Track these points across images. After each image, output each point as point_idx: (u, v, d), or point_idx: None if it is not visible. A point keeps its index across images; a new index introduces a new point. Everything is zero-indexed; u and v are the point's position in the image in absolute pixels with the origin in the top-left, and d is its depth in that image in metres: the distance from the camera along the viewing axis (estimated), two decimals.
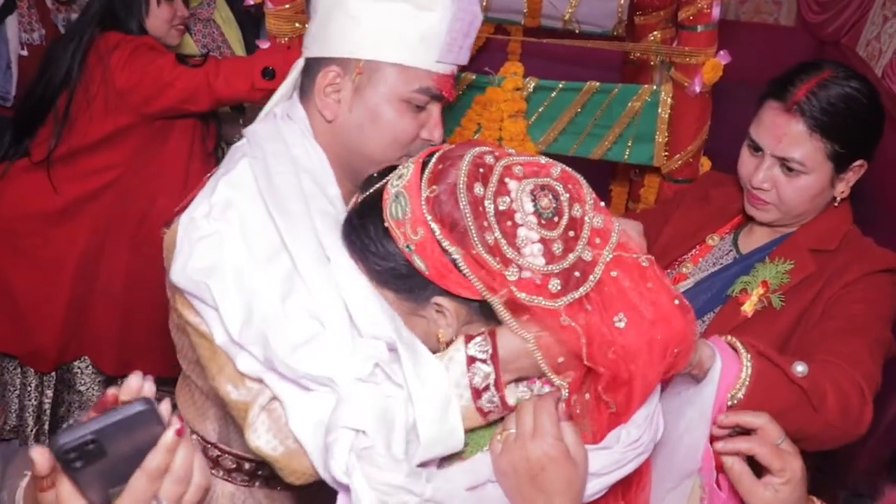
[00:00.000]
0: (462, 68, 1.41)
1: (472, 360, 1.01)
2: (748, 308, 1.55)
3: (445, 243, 0.99)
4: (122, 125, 2.47)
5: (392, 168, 1.11)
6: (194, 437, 1.52)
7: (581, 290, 0.98)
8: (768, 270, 1.56)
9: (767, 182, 1.55)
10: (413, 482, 0.96)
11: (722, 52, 2.09)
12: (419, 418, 0.98)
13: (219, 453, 1.51)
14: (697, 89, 2.10)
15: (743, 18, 4.37)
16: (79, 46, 2.45)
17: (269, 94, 2.28)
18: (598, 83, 2.19)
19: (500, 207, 0.98)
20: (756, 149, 1.57)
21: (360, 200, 1.13)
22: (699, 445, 1.16)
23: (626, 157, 2.28)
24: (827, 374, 1.32)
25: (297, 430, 1.04)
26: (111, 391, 0.79)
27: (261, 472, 1.52)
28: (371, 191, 1.11)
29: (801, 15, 4.21)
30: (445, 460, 1.06)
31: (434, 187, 1.00)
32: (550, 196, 0.99)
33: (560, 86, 2.20)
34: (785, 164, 1.53)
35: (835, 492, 2.64)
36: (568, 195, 1.00)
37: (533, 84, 2.19)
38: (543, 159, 1.05)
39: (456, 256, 0.99)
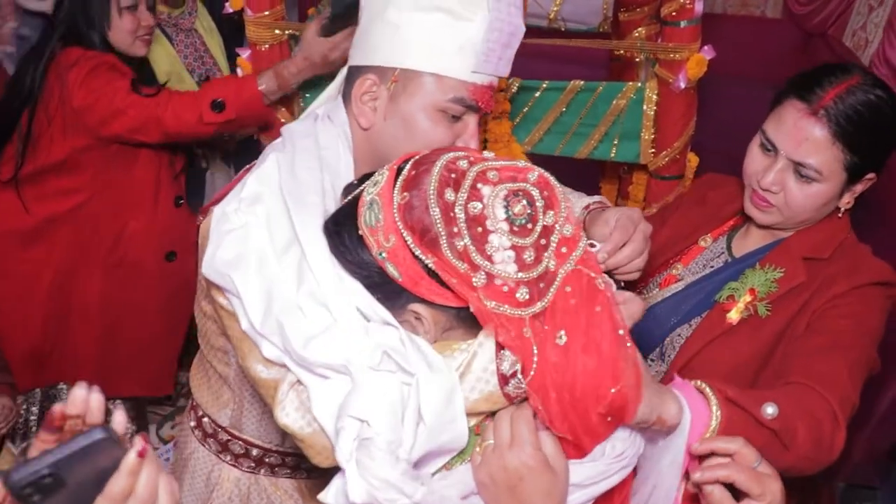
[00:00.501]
0: None
1: (500, 347, 1.00)
2: (734, 315, 1.52)
3: (417, 251, 0.98)
4: (80, 146, 2.41)
5: (372, 174, 1.09)
6: (205, 419, 1.58)
7: (544, 300, 0.97)
8: (757, 277, 1.53)
9: (777, 185, 1.49)
10: (406, 482, 0.95)
11: (706, 48, 2.07)
12: (423, 403, 0.98)
13: (228, 437, 1.57)
14: (682, 85, 2.08)
15: (730, 12, 4.37)
16: (40, 62, 2.40)
17: (220, 127, 2.29)
18: (582, 82, 2.17)
19: (472, 213, 0.96)
20: (769, 148, 1.50)
21: (337, 208, 1.12)
22: (671, 494, 1.13)
23: (612, 155, 2.26)
24: (800, 404, 1.28)
25: (318, 414, 1.05)
26: (57, 408, 0.77)
27: (267, 459, 1.58)
28: (349, 198, 1.09)
29: (788, 7, 4.21)
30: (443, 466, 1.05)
31: (406, 194, 0.99)
32: (525, 202, 0.97)
33: (544, 85, 2.18)
34: (799, 170, 1.46)
35: (833, 484, 2.63)
36: (543, 202, 0.98)
37: (517, 84, 2.17)
38: (521, 164, 1.02)
39: (428, 263, 0.98)
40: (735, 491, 1.04)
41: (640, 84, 2.17)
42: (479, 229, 0.95)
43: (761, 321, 1.50)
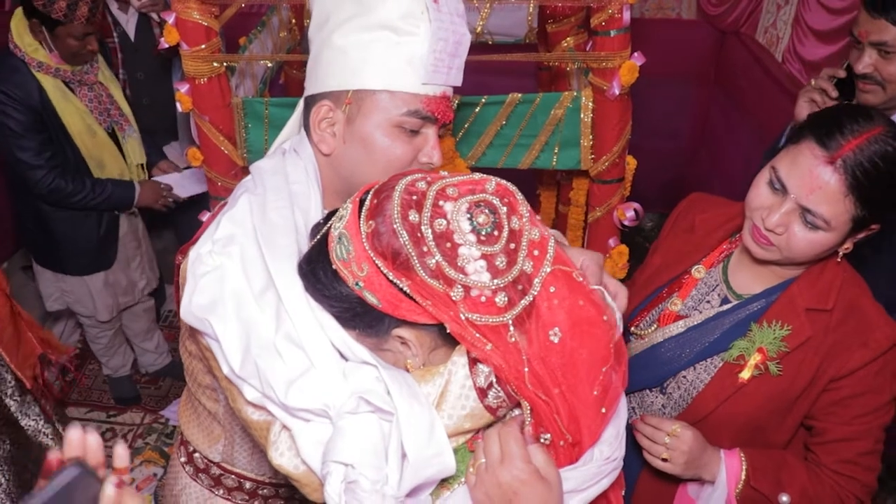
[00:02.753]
0: None
1: (474, 362, 1.02)
2: (745, 375, 1.53)
3: (391, 275, 0.99)
4: None
5: (337, 211, 1.11)
6: (196, 454, 1.59)
7: (523, 302, 0.99)
8: (765, 336, 1.51)
9: (782, 226, 1.45)
10: None
11: (636, 54, 2.14)
12: (406, 440, 1.00)
13: (221, 472, 1.57)
14: (617, 92, 2.14)
15: (647, 16, 4.50)
16: None
17: None
18: (520, 95, 2.22)
19: (438, 230, 0.98)
20: (778, 187, 1.45)
21: (309, 248, 1.13)
22: None
23: (553, 163, 2.32)
24: (824, 491, 1.49)
25: (306, 456, 1.06)
26: (52, 456, 0.78)
27: (261, 492, 1.59)
28: (318, 236, 1.10)
29: (701, 8, 4.36)
30: (443, 487, 1.07)
31: (371, 222, 1.00)
32: (487, 211, 0.99)
33: (483, 100, 2.22)
34: (806, 216, 1.42)
35: None
36: (506, 208, 1.01)
37: (456, 101, 2.21)
38: (478, 176, 1.05)
39: (403, 287, 0.99)
40: None
41: (575, 93, 2.23)
42: (448, 244, 0.97)
43: (775, 379, 1.52)
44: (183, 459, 1.63)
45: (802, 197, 1.41)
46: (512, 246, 0.99)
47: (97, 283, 3.34)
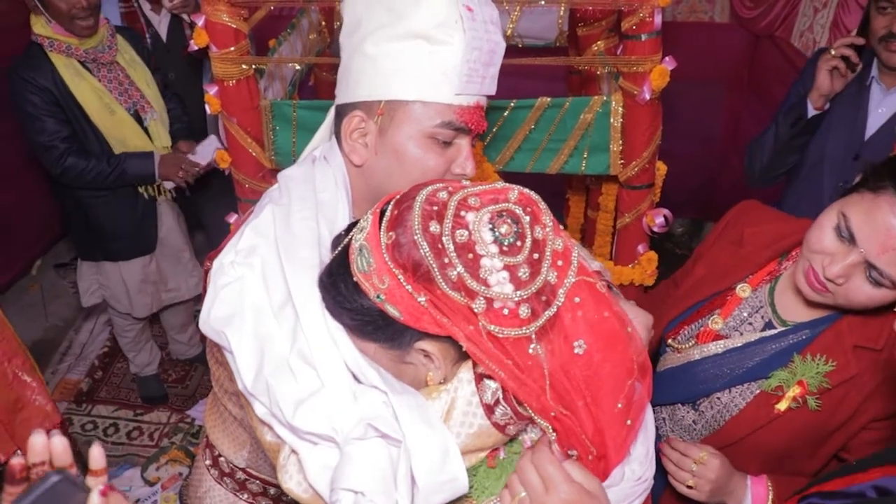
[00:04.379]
0: None
1: (480, 378, 1.01)
2: (782, 406, 1.48)
3: (409, 288, 0.98)
4: None
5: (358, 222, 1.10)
6: (222, 458, 1.59)
7: (547, 313, 0.96)
8: (808, 369, 1.45)
9: (843, 278, 1.37)
10: None
11: (668, 58, 2.11)
12: (415, 467, 0.98)
13: (246, 477, 1.57)
14: (647, 96, 2.11)
15: (679, 19, 4.44)
16: None
17: None
18: (549, 99, 2.19)
19: (459, 241, 0.95)
20: (845, 235, 1.37)
21: (330, 260, 1.12)
22: None
23: (582, 168, 2.29)
24: None
25: (314, 481, 1.05)
26: (15, 462, 0.77)
27: (285, 497, 1.58)
28: (339, 248, 1.09)
29: (735, 11, 4.30)
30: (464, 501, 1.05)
31: (391, 233, 0.99)
32: (510, 220, 0.97)
33: (512, 104, 2.20)
34: (871, 273, 1.34)
35: None
36: (529, 217, 0.98)
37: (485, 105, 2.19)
38: (500, 185, 1.03)
39: (421, 300, 0.98)
40: None
41: (605, 97, 2.20)
42: (470, 255, 0.95)
43: (811, 414, 1.46)
44: (208, 462, 1.63)
45: (873, 255, 1.32)
46: (535, 256, 0.97)
47: (134, 273, 3.36)
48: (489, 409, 1.01)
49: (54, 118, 2.94)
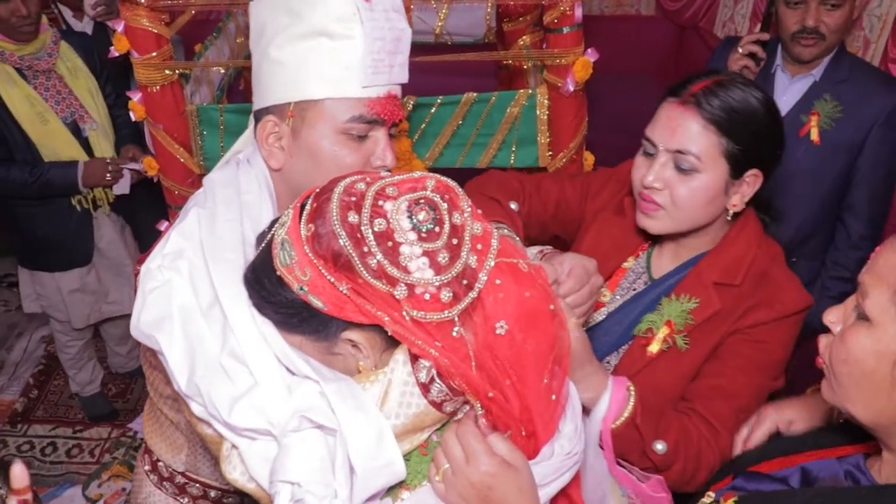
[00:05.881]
0: None
1: (415, 358, 1.02)
2: (654, 348, 1.52)
3: (331, 278, 0.98)
4: None
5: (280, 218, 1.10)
6: (160, 463, 1.58)
7: (469, 297, 0.98)
8: (673, 308, 1.52)
9: (659, 181, 1.47)
10: None
11: (590, 50, 2.15)
12: (352, 454, 0.99)
13: (185, 481, 1.56)
14: (571, 88, 2.15)
15: (606, 13, 4.53)
16: None
17: None
18: (475, 94, 2.22)
19: (378, 230, 0.96)
20: (650, 151, 1.51)
21: (254, 257, 1.12)
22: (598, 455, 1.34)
23: (511, 161, 2.32)
24: (690, 445, 1.42)
25: (254, 473, 1.05)
26: None
27: (226, 500, 1.58)
28: (262, 245, 1.09)
29: (660, 4, 4.40)
30: (401, 488, 1.06)
31: (311, 225, 0.99)
32: (428, 208, 0.98)
33: (438, 101, 2.22)
34: (679, 163, 1.46)
35: None
36: (447, 204, 1.00)
37: (412, 102, 2.21)
38: (418, 174, 1.04)
39: (342, 289, 0.98)
40: None
41: (531, 91, 2.24)
42: (389, 243, 0.96)
43: (681, 353, 1.51)
44: (147, 468, 1.61)
45: (668, 141, 1.47)
46: (454, 241, 0.98)
47: (70, 283, 3.28)
48: (425, 388, 1.02)
49: None
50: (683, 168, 1.46)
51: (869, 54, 2.95)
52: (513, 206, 1.70)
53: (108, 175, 3.09)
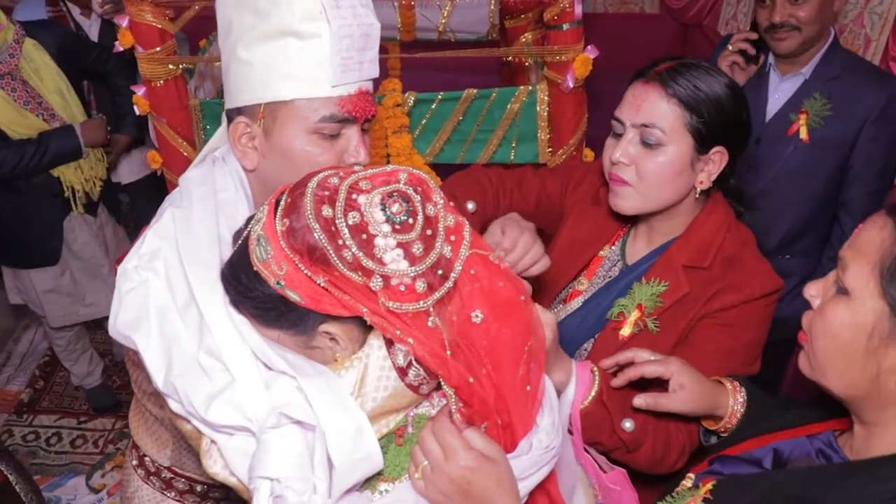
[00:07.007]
0: None
1: (390, 342, 1.03)
2: (625, 332, 1.54)
3: (308, 272, 1.00)
4: None
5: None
6: (147, 458, 1.59)
7: (444, 287, 1.00)
8: (643, 292, 1.54)
9: (626, 157, 1.51)
10: None
11: (589, 47, 2.16)
12: (331, 448, 1.00)
13: (172, 476, 1.57)
14: (570, 85, 2.17)
15: (611, 11, 4.54)
16: None
17: None
18: (475, 90, 2.24)
19: (352, 223, 0.98)
20: (618, 131, 1.54)
21: (231, 254, 1.13)
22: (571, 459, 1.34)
23: (512, 157, 2.33)
24: (659, 425, 1.44)
25: (234, 468, 1.06)
26: None
27: (212, 494, 1.59)
28: (239, 242, 1.11)
29: (664, 2, 4.40)
30: (379, 479, 1.08)
31: (286, 220, 1.01)
32: (401, 200, 1.00)
33: (439, 97, 2.24)
34: (645, 138, 1.49)
35: None
36: (420, 196, 1.02)
37: (413, 98, 2.22)
38: (391, 167, 1.06)
39: (319, 282, 1.00)
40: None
41: (531, 87, 2.25)
42: (364, 236, 0.98)
43: (653, 336, 1.52)
44: (135, 463, 1.63)
45: (633, 117, 1.50)
46: (429, 232, 1.00)
47: (44, 283, 3.26)
48: (402, 372, 1.04)
49: None
50: (650, 143, 1.49)
51: (870, 52, 2.96)
52: (469, 206, 1.71)
53: (107, 134, 3.07)
